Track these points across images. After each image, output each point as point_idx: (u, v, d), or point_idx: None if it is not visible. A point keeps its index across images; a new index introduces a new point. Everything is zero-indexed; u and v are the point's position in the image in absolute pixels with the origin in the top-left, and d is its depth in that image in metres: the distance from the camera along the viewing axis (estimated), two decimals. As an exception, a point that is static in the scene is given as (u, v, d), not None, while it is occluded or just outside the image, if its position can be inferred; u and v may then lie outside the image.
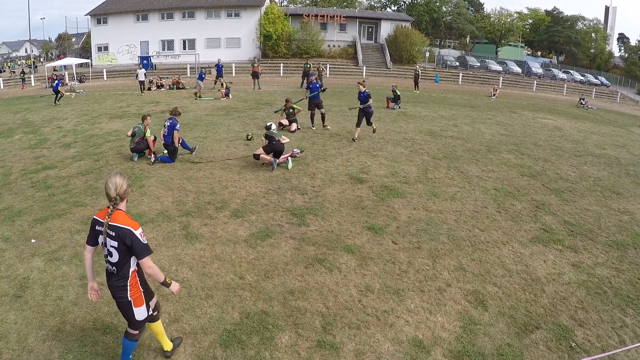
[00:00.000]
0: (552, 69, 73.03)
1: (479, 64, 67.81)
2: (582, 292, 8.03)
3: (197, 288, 7.37)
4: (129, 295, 5.17)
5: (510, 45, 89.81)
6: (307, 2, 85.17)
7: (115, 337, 6.14)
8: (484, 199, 12.32)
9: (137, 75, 34.84)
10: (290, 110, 19.39)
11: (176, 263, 8.14)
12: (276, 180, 12.76)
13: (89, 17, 60.86)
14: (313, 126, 19.88)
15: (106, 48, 60.02)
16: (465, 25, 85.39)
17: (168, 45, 59.73)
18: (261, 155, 13.78)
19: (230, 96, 29.67)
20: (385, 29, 64.51)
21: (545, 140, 21.42)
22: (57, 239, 8.98)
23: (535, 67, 71.10)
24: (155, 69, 51.29)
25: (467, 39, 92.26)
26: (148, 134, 14.68)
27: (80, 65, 53.57)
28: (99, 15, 59.98)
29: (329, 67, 50.56)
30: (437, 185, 13.13)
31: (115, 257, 5.01)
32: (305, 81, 38.28)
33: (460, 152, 17.05)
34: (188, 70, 50.49)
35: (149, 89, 36.40)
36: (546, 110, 35.90)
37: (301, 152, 15.31)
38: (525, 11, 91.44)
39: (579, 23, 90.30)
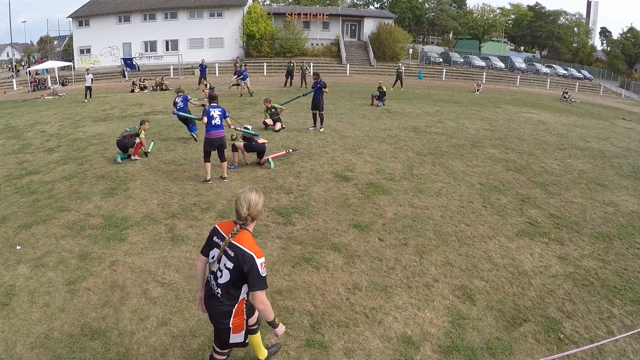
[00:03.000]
0: (535, 63, 73.59)
1: (462, 60, 68.20)
2: (569, 284, 8.08)
3: (184, 290, 7.32)
4: (231, 323, 4.66)
5: (493, 40, 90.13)
6: (290, 0, 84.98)
7: (103, 343, 6.08)
8: (470, 194, 12.37)
9: (85, 80, 32.61)
10: (273, 110, 19.31)
11: (163, 266, 8.09)
12: (261, 180, 12.73)
13: (70, 19, 60.35)
14: (311, 127, 19.61)
15: (88, 50, 59.62)
16: (448, 22, 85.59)
17: (151, 46, 59.48)
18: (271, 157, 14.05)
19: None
20: (369, 27, 64.61)
21: (530, 134, 21.57)
22: (43, 244, 8.88)
23: (519, 62, 71.57)
24: (139, 70, 51.00)
25: (450, 35, 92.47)
26: (142, 134, 14.63)
27: (63, 68, 53.14)
28: (81, 18, 59.55)
29: (313, 66, 50.47)
30: (422, 181, 13.17)
31: (224, 279, 4.53)
32: (289, 80, 38.29)
33: (445, 148, 17.12)
34: (171, 71, 50.27)
35: (132, 90, 36.20)
36: (530, 104, 36.14)
37: (294, 150, 15.29)
38: (508, 7, 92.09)
39: (561, 18, 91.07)
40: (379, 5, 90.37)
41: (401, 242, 9.37)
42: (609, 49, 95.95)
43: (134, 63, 51.77)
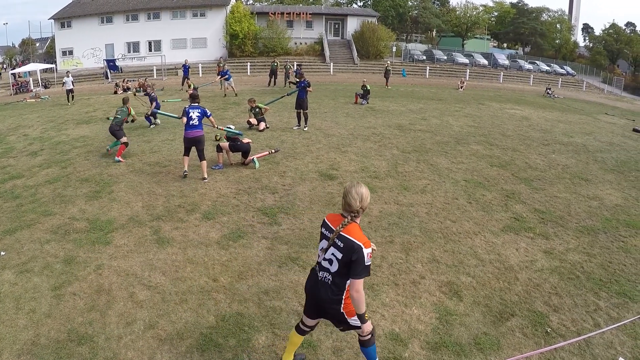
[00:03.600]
0: (518, 60, 74.20)
1: (445, 57, 68.57)
2: (555, 278, 8.15)
3: (170, 293, 7.29)
4: (342, 308, 4.84)
5: (476, 37, 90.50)
6: (273, 0, 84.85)
7: (90, 348, 6.03)
8: (455, 191, 12.42)
9: (64, 84, 31.85)
10: (257, 110, 19.26)
11: (149, 268, 8.05)
12: (246, 180, 12.70)
13: (52, 21, 59.92)
14: (296, 126, 19.54)
15: (71, 52, 59.20)
16: (431, 19, 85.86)
17: (134, 47, 59.21)
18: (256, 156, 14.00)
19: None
20: (352, 25, 64.74)
21: (514, 130, 21.69)
22: (27, 250, 8.79)
23: (502, 58, 72.12)
24: (122, 71, 50.70)
25: (434, 33, 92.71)
26: (133, 112, 15.41)
27: (45, 70, 52.68)
28: (63, 19, 59.11)
29: (296, 65, 50.45)
30: (407, 178, 13.21)
31: (334, 268, 4.74)
32: (273, 80, 38.24)
33: (429, 145, 17.17)
34: (154, 72, 50.02)
35: (115, 92, 35.96)
36: (513, 100, 36.33)
37: (276, 151, 15.27)
38: (491, 4, 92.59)
39: (544, 14, 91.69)
40: (362, 4, 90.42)
41: (387, 239, 9.39)
42: (591, 45, 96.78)
43: (116, 64, 51.49)
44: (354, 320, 4.91)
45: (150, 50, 58.83)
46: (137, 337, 6.24)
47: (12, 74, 48.78)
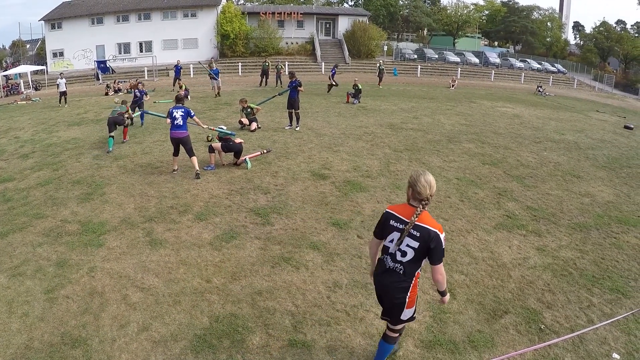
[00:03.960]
0: (509, 58, 74.32)
1: (437, 56, 68.67)
2: (548, 275, 8.20)
3: (164, 295, 7.28)
4: (407, 297, 5.00)
5: (467, 36, 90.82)
6: (264, 0, 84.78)
7: (84, 351, 6.02)
8: (447, 189, 12.45)
9: (58, 85, 31.16)
10: (249, 110, 19.24)
11: (142, 270, 8.03)
12: (238, 181, 12.69)
13: (43, 22, 59.54)
14: (287, 126, 19.53)
15: (61, 54, 58.84)
16: (422, 18, 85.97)
17: (124, 48, 58.94)
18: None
19: (189, 98, 29.40)
20: (343, 25, 64.68)
21: (505, 128, 21.76)
22: (19, 253, 8.75)
23: (493, 57, 72.22)
24: (113, 72, 50.54)
25: (425, 32, 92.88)
26: (130, 112, 16.18)
27: (36, 72, 52.36)
28: (53, 20, 58.75)
29: (288, 65, 50.42)
30: (399, 177, 13.22)
31: (408, 257, 4.86)
32: (264, 80, 38.18)
33: (421, 144, 17.20)
34: (145, 73, 49.86)
35: (106, 94, 35.81)
36: (505, 99, 36.41)
37: (267, 151, 15.26)
38: (482, 2, 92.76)
39: (535, 13, 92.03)
40: (353, 3, 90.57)
41: (380, 239, 9.39)
42: (582, 43, 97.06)
43: (107, 66, 51.28)
44: (407, 313, 5.11)
45: (141, 51, 58.60)
46: (130, 339, 6.23)
47: (3, 76, 48.52)
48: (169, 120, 12.82)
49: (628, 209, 11.82)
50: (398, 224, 4.88)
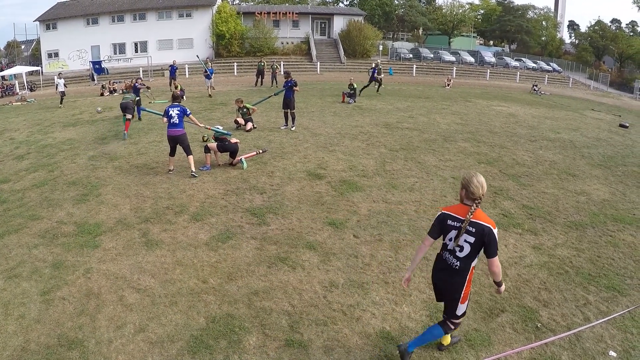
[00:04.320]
0: (504, 57, 74.49)
1: (432, 55, 68.73)
2: (544, 274, 8.23)
3: (160, 295, 7.27)
4: (463, 291, 5.45)
5: (462, 35, 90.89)
6: (259, 0, 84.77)
7: (81, 352, 6.00)
8: (443, 188, 12.47)
9: (57, 86, 31.11)
10: (245, 110, 19.23)
11: (138, 271, 8.01)
12: (234, 181, 12.68)
13: (38, 23, 59.30)
14: (283, 126, 19.53)
15: (56, 54, 58.59)
16: (417, 18, 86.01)
17: (119, 48, 58.77)
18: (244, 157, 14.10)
19: (184, 98, 29.38)
20: (338, 24, 64.72)
21: (501, 127, 21.80)
22: (15, 255, 8.72)
23: (488, 56, 72.33)
24: (108, 73, 50.43)
25: (420, 31, 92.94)
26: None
27: (31, 73, 52.20)
28: (48, 21, 58.51)
29: (283, 64, 50.41)
30: (395, 176, 13.23)
31: (465, 252, 5.29)
32: (260, 79, 38.16)
33: (417, 143, 17.22)
34: (141, 73, 49.73)
35: (101, 94, 35.74)
36: (500, 97, 36.49)
37: (263, 151, 15.26)
38: (477, 2, 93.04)
39: (530, 12, 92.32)
40: (348, 3, 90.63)
41: (376, 238, 9.41)
42: (577, 42, 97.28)
43: (102, 67, 51.15)
44: (461, 308, 5.59)
45: (136, 51, 58.48)
46: (127, 340, 6.22)
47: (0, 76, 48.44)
48: (165, 119, 12.81)
49: (624, 207, 11.86)
50: (455, 222, 5.31)
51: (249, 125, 18.91)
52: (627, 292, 7.79)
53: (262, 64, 38.65)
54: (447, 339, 6.13)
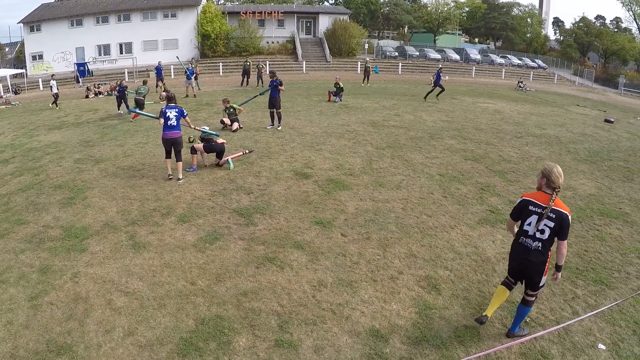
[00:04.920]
0: (489, 54, 74.84)
1: (418, 53, 68.98)
2: (531, 269, 8.27)
3: (149, 298, 7.24)
4: (545, 268, 6.00)
5: (448, 33, 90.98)
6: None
7: (70, 358, 5.97)
8: (430, 185, 12.51)
9: (51, 87, 31.02)
10: (231, 110, 19.19)
11: (126, 274, 7.97)
12: (221, 182, 12.65)
13: (21, 25, 58.72)
14: (269, 126, 19.49)
15: (41, 56, 58.03)
16: (402, 16, 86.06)
17: (104, 50, 58.29)
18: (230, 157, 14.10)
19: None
20: (324, 23, 64.60)
21: (487, 124, 21.89)
22: (2, 260, 8.62)
23: (473, 53, 72.69)
24: (93, 75, 50.11)
25: (405, 29, 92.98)
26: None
27: (15, 76, 51.71)
28: (32, 23, 57.91)
29: (269, 64, 50.34)
30: (382, 175, 13.26)
31: (545, 235, 5.83)
32: (245, 79, 38.09)
33: (403, 141, 17.26)
34: (126, 74, 49.47)
35: (86, 96, 35.52)
36: (486, 94, 36.67)
37: (250, 151, 15.23)
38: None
39: (515, 9, 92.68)
40: (333, 2, 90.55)
41: (364, 236, 9.43)
42: (562, 39, 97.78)
43: (87, 68, 50.76)
44: (543, 280, 6.09)
45: (121, 52, 58.05)
46: (116, 344, 6.19)
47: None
48: (162, 121, 12.50)
49: (610, 201, 11.96)
50: (536, 208, 5.90)
51: (235, 125, 18.87)
52: (614, 285, 7.87)
53: (248, 63, 38.57)
54: (492, 311, 6.41)
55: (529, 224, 5.96)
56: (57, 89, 30.40)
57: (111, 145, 17.05)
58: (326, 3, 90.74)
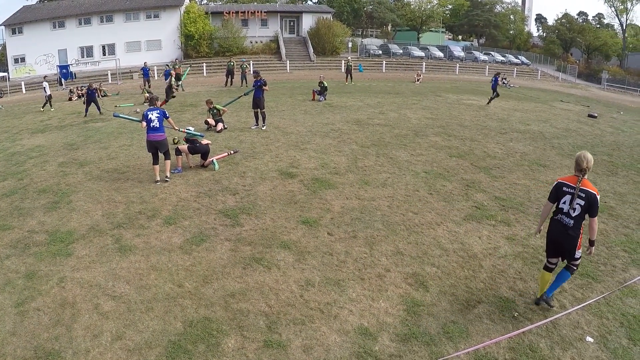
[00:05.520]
0: (473, 51, 75.33)
1: (401, 51, 69.07)
2: (518, 264, 8.38)
3: (136, 302, 7.20)
4: (578, 242, 6.68)
5: (431, 31, 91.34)
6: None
7: (57, 363, 5.94)
8: (415, 183, 12.56)
9: (44, 89, 30.86)
10: (215, 110, 19.15)
11: (112, 278, 7.92)
12: (206, 183, 12.62)
13: (3, 27, 58.14)
14: (254, 126, 19.46)
15: (23, 59, 57.49)
16: (386, 14, 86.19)
17: (87, 52, 57.88)
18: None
19: (158, 101, 29.17)
20: (307, 22, 64.61)
21: (471, 120, 22.00)
22: (-14, 266, 8.58)
23: (457, 50, 73.06)
24: (75, 77, 49.75)
25: (389, 27, 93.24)
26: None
27: (-3, 79, 51.37)
28: (14, 25, 57.33)
29: (252, 64, 50.26)
30: (367, 173, 13.30)
31: (577, 212, 6.56)
32: (229, 80, 38.00)
33: (388, 139, 17.30)
34: (109, 76, 49.19)
35: (70, 99, 35.25)
36: (470, 91, 36.82)
37: (235, 152, 15.20)
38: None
39: (498, 6, 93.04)
40: (317, 1, 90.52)
41: (350, 235, 9.45)
42: (544, 35, 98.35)
43: (69, 71, 50.35)
44: (578, 253, 6.80)
45: (104, 54, 57.67)
46: (104, 349, 6.16)
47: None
48: (144, 124, 12.43)
49: (594, 196, 12.04)
50: (569, 189, 6.67)
51: (220, 126, 18.83)
52: (601, 278, 7.96)
53: (232, 63, 38.47)
54: (542, 292, 7.11)
55: (564, 203, 6.69)
56: (49, 90, 30.15)
57: (95, 148, 16.94)
58: (309, 2, 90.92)
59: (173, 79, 30.72)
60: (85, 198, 11.81)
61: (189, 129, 14.18)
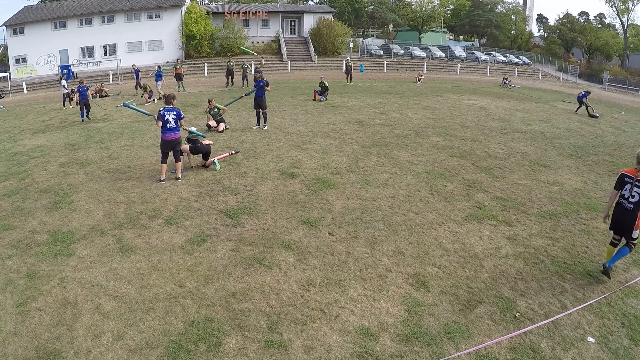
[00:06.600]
0: (474, 51, 75.22)
1: (402, 51, 69.06)
2: (520, 264, 8.36)
3: (137, 302, 7.20)
4: (636, 223, 7.68)
5: (432, 31, 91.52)
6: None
7: (58, 363, 5.94)
8: (416, 183, 12.55)
9: (63, 86, 31.29)
10: (215, 110, 19.15)
11: (113, 278, 7.92)
12: (207, 183, 12.61)
13: (4, 28, 58.11)
14: (255, 126, 19.47)
15: (24, 59, 57.48)
16: (387, 14, 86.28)
17: (88, 52, 57.89)
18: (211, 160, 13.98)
19: (155, 100, 29.21)
20: (308, 22, 64.62)
21: (472, 120, 21.98)
22: (-12, 266, 8.58)
23: (458, 50, 72.99)
24: (77, 77, 49.75)
25: (390, 28, 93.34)
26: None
27: (-1, 79, 51.38)
28: (15, 26, 57.33)
29: (254, 64, 50.22)
30: (368, 173, 13.29)
31: (635, 199, 7.61)
32: (230, 80, 37.99)
33: (389, 139, 17.29)
34: (110, 76, 49.21)
35: (71, 99, 35.26)
36: (471, 91, 36.77)
37: (235, 152, 15.20)
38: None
39: (499, 6, 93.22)
40: (318, 1, 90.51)
41: (351, 235, 9.45)
42: (546, 35, 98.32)
43: (70, 71, 50.33)
44: (635, 233, 7.77)
45: (105, 54, 57.68)
46: (106, 349, 6.16)
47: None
48: (160, 123, 12.37)
49: (596, 195, 12.07)
50: (629, 180, 7.70)
51: (222, 126, 18.83)
52: (602, 278, 7.97)
53: (231, 63, 38.45)
54: (608, 257, 8.16)
55: (626, 190, 7.72)
56: (68, 88, 30.31)
57: (96, 148, 16.94)
58: (310, 2, 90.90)
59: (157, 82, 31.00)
60: (87, 198, 11.81)
61: (192, 129, 14.19)
